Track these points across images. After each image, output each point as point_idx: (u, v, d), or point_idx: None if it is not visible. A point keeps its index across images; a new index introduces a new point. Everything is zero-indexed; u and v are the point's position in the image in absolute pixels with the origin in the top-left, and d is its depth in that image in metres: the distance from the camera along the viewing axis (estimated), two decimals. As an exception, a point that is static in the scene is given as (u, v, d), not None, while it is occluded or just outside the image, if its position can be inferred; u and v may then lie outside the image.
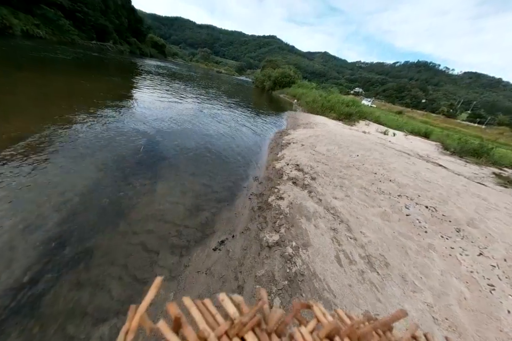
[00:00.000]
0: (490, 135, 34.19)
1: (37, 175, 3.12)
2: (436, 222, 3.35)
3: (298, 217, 3.01)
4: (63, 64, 14.18)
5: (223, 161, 4.98)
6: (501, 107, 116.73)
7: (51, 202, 2.76)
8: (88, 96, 7.49)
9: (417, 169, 5.52)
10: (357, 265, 2.45)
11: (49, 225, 2.46)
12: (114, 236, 2.50)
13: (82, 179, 3.27)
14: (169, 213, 2.97)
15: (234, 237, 2.69)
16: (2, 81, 6.84)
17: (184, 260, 2.32)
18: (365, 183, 4.17)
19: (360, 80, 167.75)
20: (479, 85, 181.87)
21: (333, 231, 2.83)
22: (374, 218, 3.25)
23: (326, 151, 5.66)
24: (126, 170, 3.71)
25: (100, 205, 2.87)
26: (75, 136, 4.36)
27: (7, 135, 3.84)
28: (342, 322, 0.48)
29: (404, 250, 2.80)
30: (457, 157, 10.89)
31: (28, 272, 2.01)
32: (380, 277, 2.38)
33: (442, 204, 3.80)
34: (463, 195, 4.59)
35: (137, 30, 57.66)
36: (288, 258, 2.31)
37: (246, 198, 3.64)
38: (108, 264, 2.22)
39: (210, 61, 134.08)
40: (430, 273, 2.57)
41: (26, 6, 28.35)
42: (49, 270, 2.07)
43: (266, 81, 35.47)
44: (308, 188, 3.80)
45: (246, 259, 2.36)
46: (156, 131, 5.64)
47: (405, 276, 2.46)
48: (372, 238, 2.86)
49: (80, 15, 36.98)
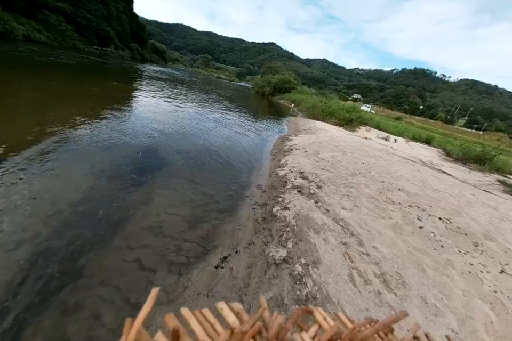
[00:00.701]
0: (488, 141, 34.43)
1: (27, 183, 2.92)
2: (452, 236, 3.15)
3: (305, 229, 2.80)
4: (68, 69, 14.15)
5: (224, 168, 4.80)
6: (497, 114, 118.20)
7: (40, 213, 2.55)
8: (89, 101, 7.36)
9: (425, 177, 5.35)
10: (373, 285, 2.24)
11: (37, 240, 2.24)
12: (107, 252, 2.29)
13: (76, 188, 3.07)
14: (168, 226, 2.77)
15: (237, 253, 2.48)
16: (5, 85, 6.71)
17: (183, 280, 2.11)
18: (373, 192, 3.99)
19: (358, 87, 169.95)
20: (475, 92, 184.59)
21: (344, 246, 2.63)
22: (386, 230, 3.05)
23: (330, 158, 5.50)
24: (123, 178, 3.52)
25: (93, 218, 2.66)
26: (70, 142, 4.18)
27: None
28: (343, 325, 0.47)
29: (421, 266, 2.60)
30: (460, 164, 10.78)
31: (8, 295, 1.79)
32: (398, 299, 2.17)
33: (456, 216, 3.61)
34: (474, 205, 4.41)
35: (138, 36, 58.39)
36: (298, 278, 2.10)
37: (249, 208, 3.44)
38: (99, 284, 2.00)
39: (210, 66, 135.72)
40: (451, 293, 2.36)
41: (29, 11, 28.66)
42: (33, 293, 1.85)
43: (266, 87, 35.67)
44: (314, 197, 3.61)
45: (251, 278, 2.14)
46: (155, 137, 5.48)
47: (424, 297, 2.25)
48: (385, 254, 2.66)
49: (82, 21, 37.42)
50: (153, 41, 72.24)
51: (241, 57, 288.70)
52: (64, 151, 3.87)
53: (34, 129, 4.30)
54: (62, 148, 3.92)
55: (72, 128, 4.74)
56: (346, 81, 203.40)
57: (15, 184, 2.84)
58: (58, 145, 3.96)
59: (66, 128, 4.66)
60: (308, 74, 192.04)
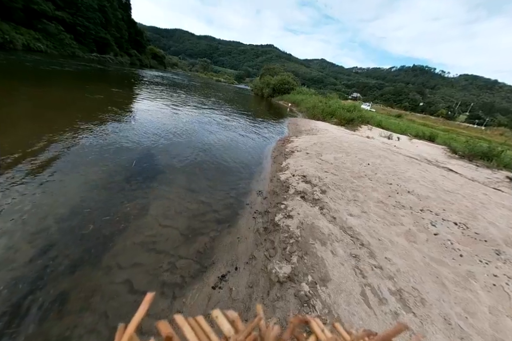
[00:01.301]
0: (491, 136, 33.95)
1: (12, 197, 2.74)
2: (470, 243, 2.90)
3: (311, 241, 2.58)
4: (70, 77, 14.11)
5: (223, 174, 4.59)
6: (498, 108, 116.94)
7: (24, 231, 2.36)
8: (87, 109, 7.23)
9: (433, 177, 5.10)
10: (388, 304, 2.00)
11: (19, 262, 2.05)
12: (95, 273, 2.09)
13: (65, 202, 2.88)
14: (162, 240, 2.56)
15: (237, 270, 2.26)
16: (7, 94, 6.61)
17: (177, 304, 1.89)
18: (381, 195, 3.76)
19: (357, 85, 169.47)
20: (475, 87, 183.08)
21: (354, 259, 2.40)
22: (398, 239, 2.82)
23: (334, 160, 5.27)
24: (115, 189, 3.32)
25: (82, 234, 2.47)
26: (61, 151, 4.01)
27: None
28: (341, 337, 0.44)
29: (440, 280, 2.35)
30: (467, 161, 10.46)
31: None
32: (418, 320, 1.93)
33: (472, 220, 3.36)
34: (489, 206, 4.15)
35: (137, 42, 58.81)
36: (305, 300, 1.88)
37: (249, 217, 3.22)
38: (85, 311, 1.80)
39: (209, 70, 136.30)
40: (476, 310, 2.11)
41: (28, 21, 28.93)
42: (10, 324, 1.65)
43: (265, 89, 35.58)
44: (318, 203, 3.38)
45: (252, 300, 1.92)
46: (151, 143, 5.30)
47: (447, 317, 2.01)
48: (400, 266, 2.42)
49: (80, 29, 37.73)
50: (152, 47, 72.69)
51: (239, 60, 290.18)
52: (54, 162, 3.69)
53: (22, 140, 4.14)
54: (50, 159, 3.75)
55: (63, 137, 4.57)
56: (345, 80, 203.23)
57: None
58: (47, 156, 3.79)
59: (58, 138, 4.50)
60: (307, 74, 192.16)
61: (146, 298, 0.36)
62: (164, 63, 77.53)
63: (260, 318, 0.39)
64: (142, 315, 0.35)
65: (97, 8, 41.09)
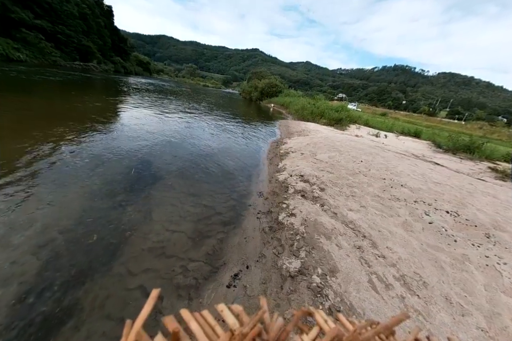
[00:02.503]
0: (470, 129, 35.57)
1: (11, 209, 2.70)
2: (462, 229, 3.10)
3: (316, 236, 2.69)
4: (55, 86, 13.77)
5: (221, 177, 4.65)
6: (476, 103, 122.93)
7: (29, 243, 2.34)
8: (77, 118, 7.11)
9: (423, 171, 5.36)
10: (394, 289, 2.12)
11: (27, 275, 2.03)
12: (107, 281, 2.09)
13: (67, 212, 2.86)
14: (170, 245, 2.59)
15: (249, 268, 2.33)
16: None
17: (194, 304, 1.93)
18: (377, 190, 3.93)
19: (342, 86, 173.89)
20: (453, 84, 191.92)
21: (358, 250, 2.52)
22: (396, 229, 2.97)
23: (328, 158, 5.44)
24: (117, 197, 3.32)
25: (88, 243, 2.46)
26: (58, 162, 3.96)
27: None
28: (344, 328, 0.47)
29: (438, 264, 2.51)
30: (451, 155, 10.98)
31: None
32: (423, 301, 2.07)
33: (462, 208, 3.58)
34: (475, 195, 4.41)
35: (121, 49, 58.12)
36: (318, 290, 1.97)
37: (253, 218, 3.29)
38: (102, 318, 1.81)
39: (196, 75, 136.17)
40: (473, 289, 2.27)
41: (5, 31, 28.10)
42: (26, 337, 1.65)
43: (254, 92, 35.95)
44: (319, 201, 3.50)
45: (267, 295, 1.99)
46: (147, 149, 5.30)
47: (448, 296, 2.16)
48: (401, 254, 2.56)
49: (62, 37, 36.95)
50: (136, 54, 72.02)
51: (226, 65, 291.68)
52: (52, 172, 3.64)
53: (18, 150, 4.06)
54: (49, 169, 3.70)
55: (58, 147, 4.51)
56: (330, 82, 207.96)
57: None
58: (44, 167, 3.74)
59: (53, 148, 4.43)
60: (293, 77, 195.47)
61: (152, 294, 0.37)
62: (150, 70, 76.86)
63: (264, 311, 0.40)
64: (148, 311, 0.35)
65: (78, 16, 40.44)
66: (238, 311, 0.40)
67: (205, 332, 0.37)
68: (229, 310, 0.40)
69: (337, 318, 0.51)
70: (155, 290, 0.37)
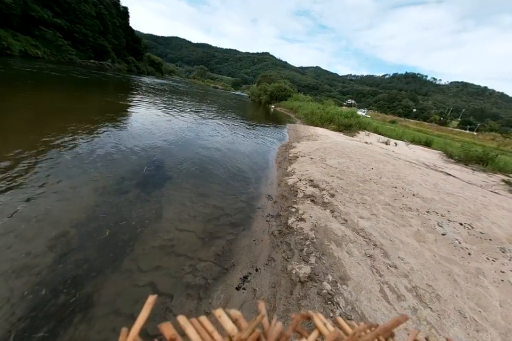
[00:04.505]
0: (482, 140, 34.84)
1: (27, 204, 2.76)
2: (476, 242, 3.02)
3: (326, 242, 2.66)
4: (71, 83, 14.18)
5: (231, 179, 4.67)
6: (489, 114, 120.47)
7: (43, 236, 2.38)
8: (95, 114, 7.28)
9: (435, 181, 5.26)
10: (407, 300, 2.08)
11: (40, 267, 2.07)
12: (117, 276, 2.11)
13: (80, 207, 2.91)
14: (180, 244, 2.60)
15: (258, 271, 2.31)
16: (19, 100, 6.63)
17: (203, 305, 1.93)
18: (388, 198, 3.87)
19: (352, 92, 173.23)
20: (466, 94, 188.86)
21: (369, 258, 2.48)
22: (408, 239, 2.91)
23: (338, 164, 5.40)
24: (128, 194, 3.37)
25: (100, 238, 2.50)
26: (72, 157, 4.05)
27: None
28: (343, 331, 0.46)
29: (452, 277, 2.45)
30: (463, 165, 10.76)
31: (12, 330, 1.61)
32: (436, 314, 2.01)
33: (476, 220, 3.49)
34: (490, 207, 4.30)
35: (135, 49, 59.47)
36: (328, 297, 1.94)
37: (263, 221, 3.28)
38: (113, 314, 1.82)
39: (206, 77, 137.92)
40: (487, 304, 2.21)
41: (26, 28, 29.14)
42: (39, 327, 1.67)
43: (263, 95, 36.14)
44: (329, 207, 3.47)
45: (277, 300, 1.97)
46: (160, 148, 5.37)
47: (462, 311, 2.10)
48: (413, 265, 2.51)
49: (78, 36, 38.08)
50: (149, 54, 73.51)
51: (236, 67, 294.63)
52: (66, 167, 3.73)
53: (34, 144, 4.17)
54: (64, 164, 3.79)
55: (74, 143, 4.62)
56: (339, 88, 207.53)
57: (13, 205, 2.68)
58: (59, 161, 3.82)
59: (67, 143, 4.54)
60: (302, 81, 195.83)
61: (148, 301, 0.36)
62: (161, 70, 78.27)
63: (262, 315, 0.39)
64: (145, 318, 0.34)
65: (95, 16, 41.67)
66: (236, 317, 0.39)
67: (203, 338, 0.36)
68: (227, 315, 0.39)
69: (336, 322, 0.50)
70: (151, 296, 0.37)
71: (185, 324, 0.37)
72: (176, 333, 0.33)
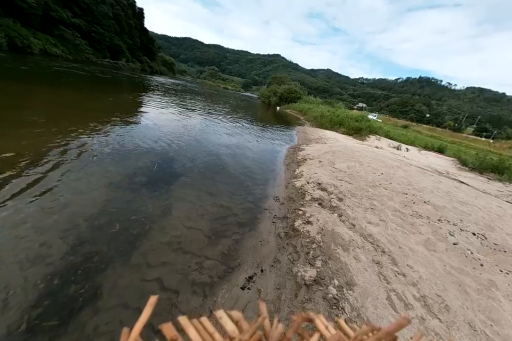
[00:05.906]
0: (499, 149, 33.59)
1: (42, 196, 2.87)
2: (489, 253, 2.92)
3: (333, 246, 2.63)
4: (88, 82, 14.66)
5: (239, 179, 4.70)
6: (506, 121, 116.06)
7: (56, 228, 2.47)
8: (111, 110, 7.50)
9: (447, 189, 5.12)
10: (414, 309, 2.03)
11: (53, 257, 2.14)
12: (126, 270, 2.16)
13: (92, 201, 3.00)
14: (187, 241, 2.64)
15: (263, 272, 2.32)
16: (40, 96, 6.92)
17: (208, 302, 1.95)
18: (398, 204, 3.80)
19: (363, 96, 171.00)
20: (482, 100, 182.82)
21: (376, 265, 2.44)
22: (418, 247, 2.85)
23: (347, 168, 5.34)
24: (138, 190, 3.44)
25: (110, 232, 2.56)
26: (85, 153, 4.17)
27: (14, 151, 3.66)
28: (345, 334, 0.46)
29: (462, 288, 2.37)
30: (477, 174, 10.42)
31: (25, 317, 1.68)
32: (445, 325, 1.96)
33: (490, 230, 3.37)
34: (505, 218, 4.14)
35: (148, 49, 60.84)
36: (334, 302, 1.92)
37: (269, 222, 3.29)
38: (120, 307, 1.86)
39: (217, 78, 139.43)
40: (499, 318, 2.13)
41: (46, 27, 30.30)
42: (50, 316, 1.73)
43: (273, 97, 36.17)
44: (336, 211, 3.44)
45: (281, 301, 1.97)
46: (170, 147, 5.46)
47: (472, 323, 2.03)
48: (422, 274, 2.45)
49: (95, 35, 39.29)
50: (162, 54, 75.01)
51: (246, 69, 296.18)
52: (80, 161, 3.85)
53: (48, 139, 4.32)
54: (78, 158, 3.91)
55: (87, 139, 4.76)
56: (351, 91, 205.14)
57: (30, 197, 2.79)
58: (73, 157, 3.95)
59: (78, 141, 4.69)
60: (313, 84, 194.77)
61: (150, 301, 0.36)
62: (173, 70, 79.69)
63: (263, 317, 0.39)
64: (146, 319, 0.34)
65: (112, 16, 42.90)
66: (237, 318, 0.39)
67: (204, 339, 0.36)
68: (228, 316, 0.39)
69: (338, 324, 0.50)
70: (153, 296, 0.36)
71: (186, 325, 0.37)
72: (178, 334, 0.34)
